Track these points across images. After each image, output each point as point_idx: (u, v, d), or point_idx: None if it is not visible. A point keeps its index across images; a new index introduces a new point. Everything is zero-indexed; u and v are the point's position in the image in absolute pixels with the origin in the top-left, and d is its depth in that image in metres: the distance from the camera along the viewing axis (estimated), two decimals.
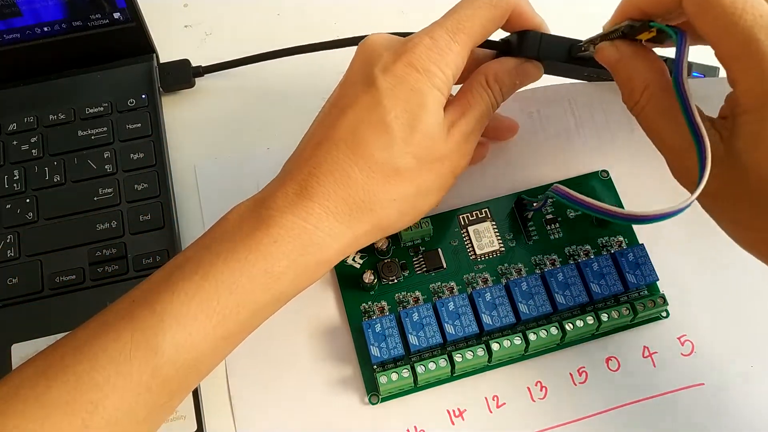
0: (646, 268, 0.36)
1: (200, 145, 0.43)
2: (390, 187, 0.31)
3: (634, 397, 0.36)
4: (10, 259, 0.38)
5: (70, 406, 0.26)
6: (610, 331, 0.37)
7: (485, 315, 0.35)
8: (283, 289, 0.30)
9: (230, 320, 0.29)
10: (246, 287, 0.29)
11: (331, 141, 0.31)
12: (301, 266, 0.30)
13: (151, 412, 0.28)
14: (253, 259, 0.29)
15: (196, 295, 0.28)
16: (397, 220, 0.32)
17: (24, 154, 0.41)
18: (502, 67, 0.33)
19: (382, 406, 0.36)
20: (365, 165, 0.30)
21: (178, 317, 0.28)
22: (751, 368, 0.36)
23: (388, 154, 0.30)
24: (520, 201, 0.39)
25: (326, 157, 0.30)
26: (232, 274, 0.28)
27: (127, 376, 0.27)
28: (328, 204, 0.30)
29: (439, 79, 0.31)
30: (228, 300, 0.28)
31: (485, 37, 0.32)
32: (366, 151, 0.30)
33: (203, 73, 0.44)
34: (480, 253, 0.39)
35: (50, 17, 0.40)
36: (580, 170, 0.41)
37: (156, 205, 0.40)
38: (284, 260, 0.29)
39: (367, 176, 0.30)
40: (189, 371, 0.28)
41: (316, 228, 0.30)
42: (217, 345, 0.29)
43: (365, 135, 0.30)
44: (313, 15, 0.47)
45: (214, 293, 0.28)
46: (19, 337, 0.37)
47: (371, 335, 0.35)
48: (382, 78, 0.31)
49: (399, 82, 0.30)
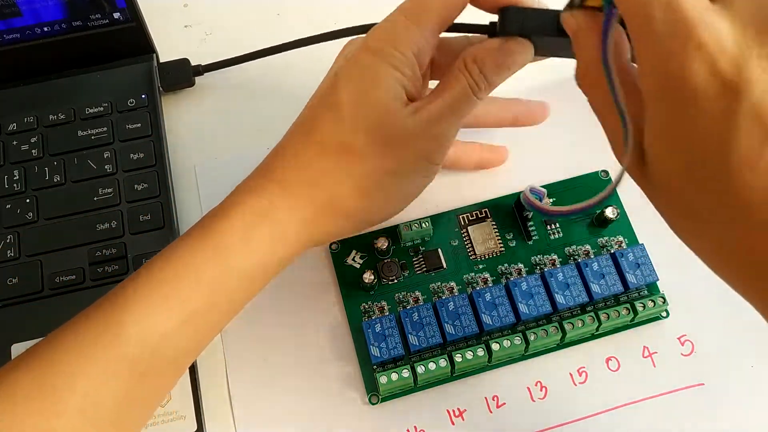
0: (646, 268, 0.36)
1: (200, 145, 0.43)
2: (343, 162, 0.31)
3: (634, 398, 0.36)
4: (10, 259, 0.38)
5: (39, 393, 0.26)
6: (610, 331, 0.37)
7: (485, 315, 0.35)
8: (238, 263, 0.30)
9: (191, 298, 0.29)
10: (200, 263, 0.29)
11: (292, 128, 0.33)
12: (255, 240, 0.30)
13: (122, 399, 0.28)
14: (208, 236, 0.30)
15: (155, 276, 0.29)
16: (359, 200, 0.32)
17: (24, 154, 0.41)
18: (483, 48, 0.31)
19: (382, 406, 0.36)
20: (318, 142, 0.31)
21: (139, 299, 0.28)
22: (751, 368, 0.36)
23: (338, 130, 0.31)
24: (520, 201, 0.39)
25: (285, 143, 0.33)
26: (187, 252, 0.30)
27: (92, 359, 0.27)
28: (283, 181, 0.31)
29: (394, 57, 0.30)
30: (186, 278, 0.29)
31: (451, 14, 0.31)
32: (319, 129, 0.31)
33: (203, 71, 0.44)
34: (480, 253, 0.39)
35: (50, 17, 0.40)
36: (580, 170, 0.41)
37: (156, 205, 0.40)
38: (235, 233, 0.30)
39: (319, 153, 0.31)
40: (154, 354, 0.28)
41: (269, 202, 0.31)
42: (182, 325, 0.29)
43: (319, 116, 0.32)
44: (313, 15, 0.47)
45: (172, 272, 0.29)
46: (19, 337, 0.37)
47: (371, 335, 0.35)
48: (340, 65, 0.32)
49: (353, 63, 0.31)
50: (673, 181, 0.23)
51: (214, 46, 0.46)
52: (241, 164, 0.42)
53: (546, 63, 0.36)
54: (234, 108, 0.45)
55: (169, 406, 0.36)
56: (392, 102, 0.30)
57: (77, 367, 0.27)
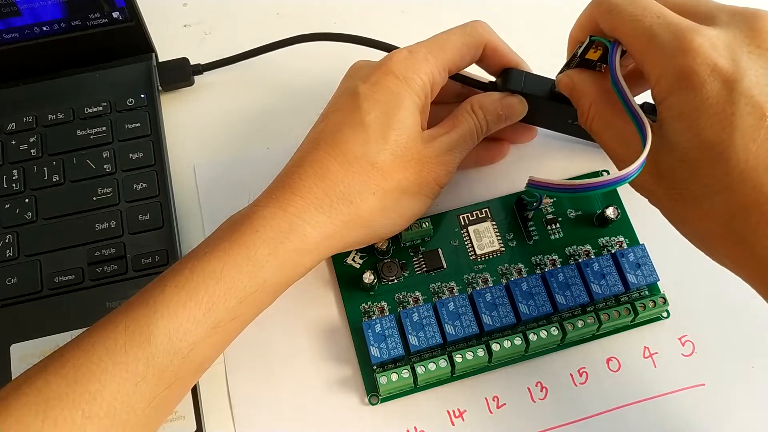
0: (646, 268, 0.36)
1: (200, 145, 0.43)
2: (368, 179, 0.33)
3: (634, 398, 0.36)
4: (9, 259, 0.38)
5: (69, 398, 0.27)
6: (611, 331, 0.37)
7: (485, 315, 0.35)
8: (267, 276, 0.31)
9: (219, 308, 0.30)
10: (231, 275, 0.30)
11: (314, 143, 0.34)
12: (282, 253, 0.31)
13: (149, 404, 0.29)
14: (237, 249, 0.31)
15: (185, 286, 0.30)
16: (379, 215, 0.34)
17: (23, 154, 0.41)
18: (487, 97, 0.36)
19: (382, 407, 0.36)
20: (344, 160, 0.33)
21: (168, 306, 0.29)
22: (752, 368, 0.36)
23: (365, 149, 0.33)
24: (520, 201, 0.39)
25: (307, 156, 0.33)
26: (217, 263, 0.30)
27: (123, 365, 0.28)
28: (309, 195, 0.32)
29: (416, 83, 0.33)
30: (215, 289, 0.30)
31: (462, 59, 0.35)
32: (344, 146, 0.33)
33: (202, 71, 0.44)
34: (480, 253, 0.39)
35: (49, 17, 0.40)
36: (581, 170, 0.41)
37: (155, 205, 0.40)
38: (265, 247, 0.31)
39: (346, 170, 0.33)
40: (183, 361, 0.29)
41: (297, 217, 0.32)
42: (209, 334, 0.30)
43: (345, 133, 0.33)
44: (313, 15, 0.47)
45: (202, 283, 0.30)
46: (18, 337, 0.37)
47: (371, 335, 0.35)
48: (362, 86, 0.34)
49: (378, 86, 0.33)
50: (690, 154, 0.28)
51: (213, 46, 0.46)
52: (240, 163, 0.42)
53: (547, 64, 0.37)
54: (233, 107, 0.45)
55: None
56: (414, 126, 0.34)
57: (108, 372, 0.28)
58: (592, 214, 0.39)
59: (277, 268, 0.31)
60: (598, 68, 0.33)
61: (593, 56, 0.33)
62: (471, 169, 0.41)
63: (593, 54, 0.32)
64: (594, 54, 0.32)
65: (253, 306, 0.32)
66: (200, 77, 0.45)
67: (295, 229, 0.32)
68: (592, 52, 0.32)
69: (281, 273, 0.32)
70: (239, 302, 0.31)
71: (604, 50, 0.32)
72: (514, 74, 0.36)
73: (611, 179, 0.28)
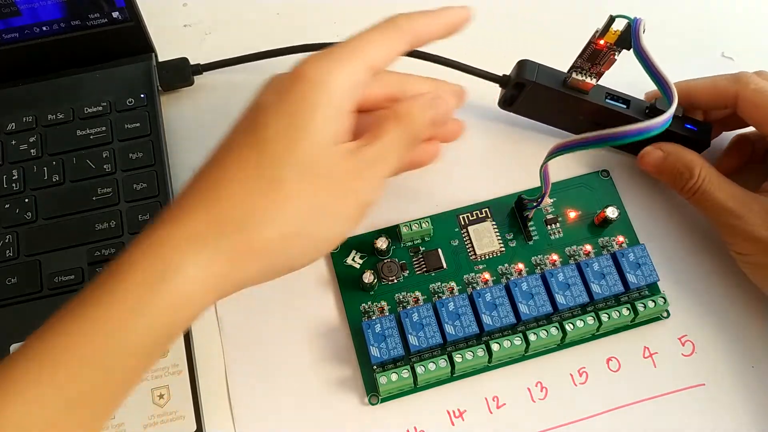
0: (646, 268, 0.36)
1: (199, 145, 0.43)
2: (267, 202, 0.28)
3: (634, 398, 0.36)
4: (9, 258, 0.38)
5: None
6: (611, 331, 0.37)
7: (485, 315, 0.35)
8: (130, 339, 0.26)
9: (76, 382, 0.26)
10: (82, 342, 0.26)
11: (211, 163, 0.30)
12: (151, 311, 0.26)
13: None
14: (95, 306, 0.26)
15: (34, 357, 0.26)
16: (280, 244, 0.28)
17: (23, 154, 0.41)
18: (417, 99, 0.31)
19: (381, 407, 0.36)
20: (240, 180, 0.28)
21: (17, 385, 0.25)
22: (752, 368, 0.36)
23: (262, 168, 0.28)
24: (520, 201, 0.39)
25: (200, 178, 0.29)
26: (72, 328, 0.26)
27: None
28: (194, 231, 0.27)
29: (333, 87, 0.29)
30: (66, 361, 0.25)
31: (387, 55, 0.31)
32: (239, 165, 0.28)
33: (202, 71, 0.44)
34: (480, 253, 0.39)
35: (49, 16, 0.40)
36: (581, 170, 0.41)
37: (155, 205, 0.40)
38: (126, 303, 0.26)
39: (246, 192, 0.28)
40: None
41: (174, 261, 0.26)
42: (67, 410, 0.25)
43: (241, 153, 0.29)
44: (313, 14, 0.47)
45: (49, 354, 0.26)
46: (18, 337, 0.37)
47: (371, 336, 0.35)
48: (269, 97, 0.29)
49: (287, 94, 0.29)
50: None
51: (213, 46, 0.46)
52: None
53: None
54: (233, 107, 0.44)
55: (168, 406, 0.35)
56: (328, 137, 0.29)
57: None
58: (592, 214, 0.39)
59: (143, 329, 0.26)
60: (612, 54, 0.34)
61: (611, 38, 0.33)
62: (471, 169, 0.41)
63: (612, 35, 0.33)
64: (611, 35, 0.33)
65: (120, 372, 0.26)
66: (200, 77, 0.45)
67: (169, 278, 0.26)
68: (611, 33, 0.33)
69: (147, 332, 0.26)
70: (99, 371, 0.26)
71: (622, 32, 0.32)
72: (528, 65, 0.36)
73: (637, 128, 0.30)
